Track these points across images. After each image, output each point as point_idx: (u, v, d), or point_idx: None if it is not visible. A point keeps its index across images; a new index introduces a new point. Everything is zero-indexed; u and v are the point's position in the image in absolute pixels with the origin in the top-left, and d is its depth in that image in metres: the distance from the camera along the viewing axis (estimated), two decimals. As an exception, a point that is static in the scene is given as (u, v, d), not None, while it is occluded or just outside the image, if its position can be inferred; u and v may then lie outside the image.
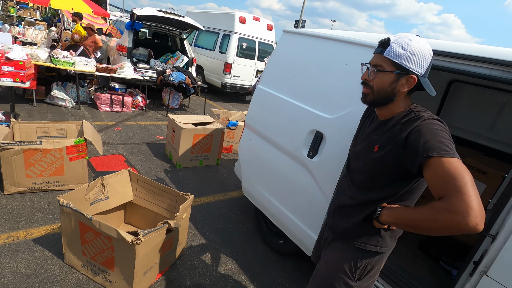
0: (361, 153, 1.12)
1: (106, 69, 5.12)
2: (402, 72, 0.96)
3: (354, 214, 1.12)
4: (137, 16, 5.66)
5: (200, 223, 2.68)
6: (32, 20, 12.05)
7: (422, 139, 0.88)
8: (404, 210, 0.96)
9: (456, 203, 0.77)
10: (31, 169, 2.51)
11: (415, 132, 0.91)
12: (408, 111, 1.00)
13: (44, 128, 2.95)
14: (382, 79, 0.99)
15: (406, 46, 0.94)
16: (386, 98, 1.00)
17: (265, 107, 2.32)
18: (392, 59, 0.95)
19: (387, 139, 1.00)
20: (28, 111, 4.51)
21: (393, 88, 0.98)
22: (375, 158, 1.03)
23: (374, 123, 1.12)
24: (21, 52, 3.34)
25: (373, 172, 1.05)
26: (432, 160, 0.84)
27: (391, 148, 0.98)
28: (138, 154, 3.84)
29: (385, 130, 1.03)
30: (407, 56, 0.94)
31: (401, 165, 0.95)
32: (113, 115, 5.16)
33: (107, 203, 2.13)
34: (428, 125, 0.91)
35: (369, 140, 1.08)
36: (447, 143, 0.86)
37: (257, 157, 2.38)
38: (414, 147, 0.90)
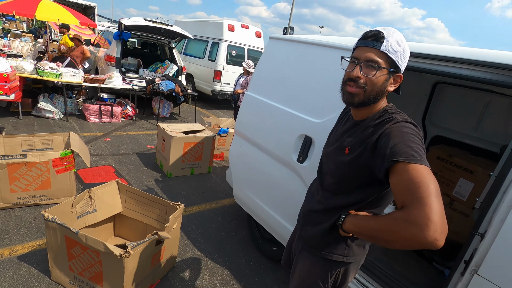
0: (332, 154, 1.05)
1: (94, 79, 5.07)
2: (394, 70, 0.90)
3: (321, 220, 1.05)
4: (125, 26, 5.65)
5: (192, 232, 2.63)
6: (19, 32, 11.90)
7: (390, 143, 0.82)
8: (366, 219, 0.88)
9: (416, 214, 0.70)
10: (16, 183, 2.44)
11: (385, 135, 0.85)
12: (382, 112, 0.94)
13: (29, 141, 2.88)
14: (378, 77, 0.89)
15: (400, 42, 0.88)
16: (375, 99, 0.92)
17: (254, 113, 2.32)
18: (390, 54, 0.87)
19: (359, 141, 0.94)
20: (13, 124, 4.40)
21: (384, 88, 0.92)
22: (345, 161, 0.96)
23: (348, 123, 1.05)
24: (5, 64, 3.28)
25: (342, 175, 0.99)
26: (398, 165, 0.77)
27: (361, 151, 0.91)
28: (128, 164, 3.78)
29: (357, 131, 0.97)
30: (401, 52, 0.89)
31: (370, 170, 0.89)
32: (102, 126, 5.09)
33: (95, 216, 2.08)
34: (399, 128, 0.85)
35: (341, 142, 1.02)
36: (416, 148, 0.79)
37: (248, 163, 2.37)
38: (382, 150, 0.83)
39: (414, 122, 0.89)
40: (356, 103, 0.93)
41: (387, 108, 0.95)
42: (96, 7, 14.13)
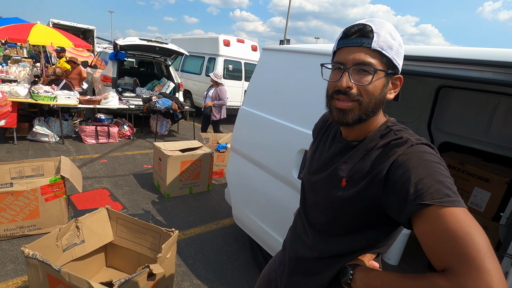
0: (321, 185, 0.81)
1: (89, 100, 5.01)
2: (393, 71, 0.71)
3: (316, 271, 0.82)
4: (120, 46, 5.64)
5: (191, 258, 2.46)
6: (19, 58, 12.09)
7: (413, 177, 0.60)
8: (387, 279, 0.63)
9: (471, 285, 0.50)
10: (2, 214, 2.31)
11: (401, 164, 0.63)
12: (385, 130, 0.73)
13: (18, 168, 2.75)
14: (375, 84, 0.69)
15: (395, 35, 0.69)
16: (374, 112, 0.72)
17: (250, 128, 2.19)
18: (385, 52, 0.67)
19: (360, 171, 0.71)
20: (8, 150, 4.31)
21: (383, 96, 0.71)
22: (343, 196, 0.73)
23: (338, 144, 0.81)
24: (-5, 90, 3.21)
25: (338, 213, 0.76)
26: (429, 210, 0.57)
27: (366, 186, 0.69)
28: (124, 186, 3.64)
29: (355, 156, 0.74)
30: (397, 48, 0.69)
31: (380, 210, 0.68)
32: (99, 147, 4.99)
33: (83, 248, 1.92)
34: (419, 154, 0.64)
35: (333, 169, 0.78)
36: (449, 184, 0.59)
37: (246, 182, 2.22)
38: (400, 188, 0.62)
39: (429, 142, 0.69)
40: (352, 121, 0.72)
41: (390, 124, 0.74)
42: (95, 30, 14.43)
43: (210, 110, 5.08)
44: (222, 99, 5.03)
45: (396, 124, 0.75)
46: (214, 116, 5.10)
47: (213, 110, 5.06)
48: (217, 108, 5.08)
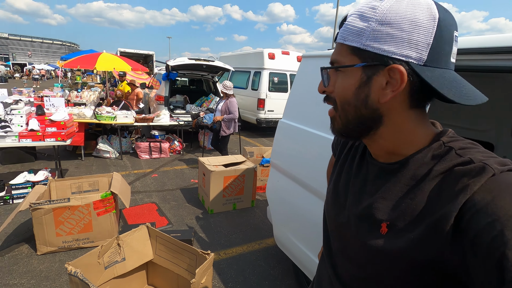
0: (351, 229, 0.59)
1: (144, 119, 5.38)
2: (374, 63, 0.49)
3: None
4: (171, 67, 6.02)
5: (231, 281, 2.33)
6: (92, 84, 13.87)
7: (508, 234, 0.37)
8: None
9: None
10: (61, 227, 2.49)
11: (483, 208, 0.40)
12: (439, 148, 0.50)
13: (78, 183, 3.00)
14: (343, 84, 0.53)
15: (370, 13, 0.48)
16: (362, 120, 0.53)
17: (290, 142, 2.02)
18: (347, 42, 0.51)
19: (409, 212, 0.48)
20: (76, 166, 4.82)
21: (365, 99, 0.51)
22: (387, 248, 0.50)
23: (369, 167, 0.60)
24: (63, 113, 3.61)
25: (380, 271, 0.53)
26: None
27: (425, 235, 0.46)
28: (171, 201, 3.73)
29: (399, 189, 0.51)
30: (373, 29, 0.48)
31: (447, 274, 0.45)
32: (152, 162, 5.29)
33: (124, 266, 1.93)
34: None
35: (366, 207, 0.56)
36: None
37: (286, 200, 2.04)
38: (486, 248, 0.39)
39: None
40: (337, 131, 0.57)
41: (446, 140, 0.50)
42: (154, 54, 15.93)
43: (219, 125, 4.64)
44: (232, 112, 4.56)
45: (456, 139, 0.50)
46: (224, 132, 4.63)
47: (222, 125, 4.61)
48: (227, 123, 4.61)
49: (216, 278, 2.34)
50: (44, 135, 3.36)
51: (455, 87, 0.47)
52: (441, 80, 0.47)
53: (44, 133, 3.36)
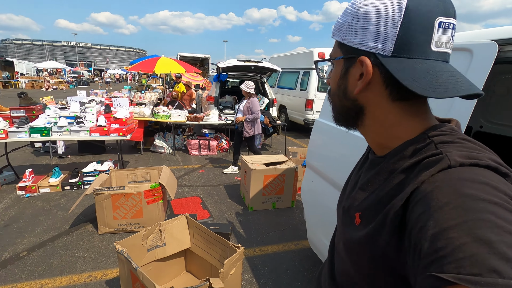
0: (341, 221, 0.59)
1: (195, 118, 5.74)
2: (350, 55, 0.50)
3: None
4: (222, 69, 6.30)
5: (263, 277, 2.36)
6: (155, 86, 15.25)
7: (432, 223, 0.35)
8: None
9: None
10: (117, 211, 2.81)
11: (422, 199, 0.38)
12: (421, 141, 0.46)
13: (133, 174, 3.35)
14: (332, 76, 0.56)
15: (350, 9, 0.50)
16: (344, 110, 0.54)
17: (326, 143, 1.97)
18: (334, 37, 0.54)
19: (375, 203, 0.47)
20: (136, 159, 5.37)
21: (344, 90, 0.52)
22: (356, 240, 0.49)
23: (367, 162, 0.59)
24: (125, 111, 4.06)
25: (355, 265, 0.52)
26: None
27: (378, 228, 0.44)
28: (215, 196, 3.92)
29: (375, 181, 0.51)
30: (348, 24, 0.49)
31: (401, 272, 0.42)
32: (200, 159, 5.61)
33: (164, 250, 2.11)
34: (457, 183, 0.37)
35: (351, 198, 0.56)
36: (506, 249, 0.30)
37: (320, 202, 1.99)
38: (415, 238, 0.37)
39: (500, 166, 0.40)
40: (334, 120, 0.59)
41: (433, 134, 0.46)
42: (210, 57, 16.80)
43: (241, 126, 4.52)
44: (255, 112, 4.45)
45: (445, 133, 0.46)
46: (247, 132, 4.50)
47: (245, 126, 4.49)
48: (249, 123, 4.50)
49: (249, 273, 2.40)
50: (109, 131, 3.83)
51: (424, 77, 0.43)
52: (407, 71, 0.44)
53: (109, 128, 3.83)
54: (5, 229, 2.90)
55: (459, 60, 1.17)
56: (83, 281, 2.22)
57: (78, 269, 2.35)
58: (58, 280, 2.23)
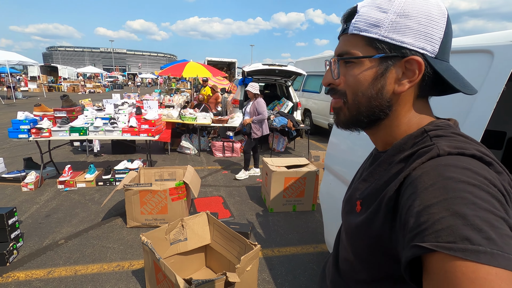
0: (344, 211, 0.64)
1: (219, 120, 5.90)
2: (391, 54, 0.50)
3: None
4: (247, 73, 6.42)
5: (280, 278, 2.39)
6: (183, 89, 15.81)
7: (418, 202, 0.39)
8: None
9: None
10: (144, 207, 2.99)
11: (412, 183, 0.43)
12: (419, 136, 0.50)
13: (160, 172, 3.54)
14: (356, 76, 0.53)
15: (386, 4, 0.49)
16: (371, 111, 0.54)
17: (343, 145, 1.98)
18: (364, 33, 0.51)
19: (374, 191, 0.52)
20: (163, 159, 5.63)
21: (380, 89, 0.52)
22: (355, 225, 0.54)
23: (370, 157, 0.64)
24: (154, 113, 4.29)
25: (355, 251, 0.56)
26: (433, 260, 0.35)
27: (374, 213, 0.49)
28: (236, 196, 4.01)
29: (376, 172, 0.55)
30: (391, 21, 0.49)
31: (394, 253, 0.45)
32: (224, 160, 5.75)
33: (186, 245, 2.22)
34: (441, 169, 0.41)
35: (353, 189, 0.61)
36: (479, 221, 0.34)
37: (338, 205, 1.99)
38: (404, 218, 0.41)
39: (485, 156, 0.43)
40: (342, 123, 0.58)
41: (429, 128, 0.50)
42: (236, 62, 17.10)
43: (249, 128, 4.49)
44: (261, 113, 4.43)
45: (441, 128, 0.49)
46: (255, 134, 4.48)
47: (252, 127, 4.45)
48: (257, 124, 4.49)
49: (266, 272, 2.44)
50: (139, 131, 4.07)
51: (458, 78, 0.49)
52: (449, 72, 0.49)
53: (139, 129, 4.07)
54: (46, 219, 3.18)
55: (479, 61, 1.15)
56: (112, 270, 2.39)
57: (108, 259, 2.53)
58: (90, 267, 2.41)
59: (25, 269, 2.37)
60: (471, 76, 1.16)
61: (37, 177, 4.01)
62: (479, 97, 1.10)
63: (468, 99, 1.11)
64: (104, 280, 2.26)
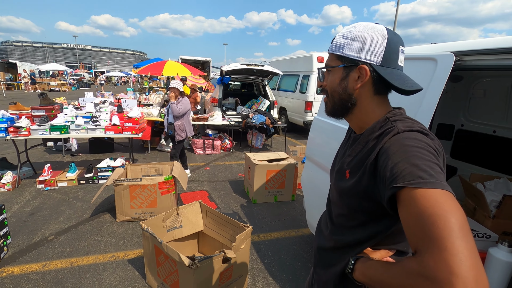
0: (334, 179, 0.89)
1: (199, 118, 6.04)
2: (350, 64, 0.77)
3: (332, 261, 0.87)
4: (225, 72, 6.61)
5: (267, 258, 2.65)
6: (157, 88, 15.54)
7: (390, 162, 0.63)
8: (377, 268, 0.67)
9: (432, 265, 0.48)
10: (134, 201, 3.10)
11: (384, 152, 0.67)
12: (383, 121, 0.76)
13: (147, 168, 3.64)
14: (332, 79, 0.81)
15: (347, 34, 0.78)
16: (342, 102, 0.81)
17: (322, 136, 2.27)
18: (335, 52, 0.80)
19: (358, 161, 0.77)
20: (143, 157, 5.65)
21: (345, 87, 0.79)
22: (346, 188, 0.79)
23: (350, 140, 0.89)
24: (137, 111, 4.35)
25: (347, 206, 0.81)
26: (403, 193, 0.57)
27: (361, 176, 0.73)
28: (220, 190, 4.20)
29: (357, 148, 0.80)
30: (349, 44, 0.77)
31: (376, 199, 0.70)
32: (205, 157, 5.90)
33: (181, 231, 2.40)
34: (401, 140, 0.66)
35: (341, 163, 0.85)
36: (425, 166, 0.58)
37: (318, 188, 2.28)
38: (381, 174, 0.65)
39: (424, 130, 0.69)
40: (329, 112, 0.86)
41: (389, 116, 0.76)
42: (211, 61, 17.07)
43: (173, 129, 4.17)
44: (183, 112, 4.13)
45: (396, 115, 0.76)
46: (179, 136, 4.22)
47: (176, 129, 4.18)
48: (180, 125, 4.19)
49: (254, 254, 2.68)
50: (122, 129, 4.12)
51: (400, 79, 0.76)
52: (391, 75, 0.75)
53: (122, 127, 4.12)
54: (31, 217, 3.17)
55: (427, 66, 1.47)
56: (107, 260, 2.50)
57: (102, 250, 2.63)
58: (86, 258, 2.51)
59: (19, 263, 2.41)
60: (423, 78, 1.48)
61: (14, 177, 3.92)
62: (427, 94, 1.42)
63: (419, 96, 1.43)
64: (101, 269, 2.37)
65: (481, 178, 2.33)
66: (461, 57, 1.41)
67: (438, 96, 1.37)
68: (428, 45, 1.61)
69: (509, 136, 2.56)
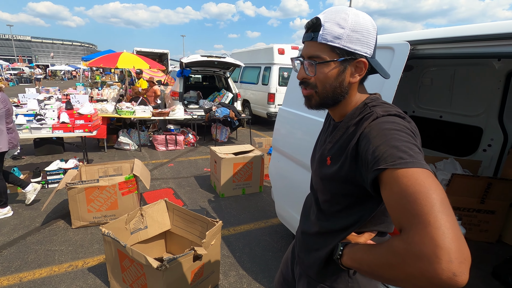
0: (316, 166, 0.88)
1: (160, 113, 5.76)
2: (348, 57, 0.73)
3: (316, 246, 0.88)
4: (185, 64, 6.36)
5: (238, 251, 2.63)
6: (111, 82, 14.53)
7: (371, 146, 0.64)
8: (364, 250, 0.68)
9: (417, 240, 0.50)
10: (92, 204, 2.86)
11: (365, 136, 0.68)
12: (362, 108, 0.77)
13: (104, 168, 3.38)
14: (326, 73, 0.75)
15: (343, 23, 0.71)
16: (335, 96, 0.78)
17: (288, 126, 2.28)
18: (330, 43, 0.72)
19: (339, 148, 0.77)
20: (100, 157, 5.26)
21: (341, 82, 0.76)
22: (328, 174, 0.79)
23: (330, 127, 0.89)
24: (89, 107, 4.01)
25: (329, 192, 0.82)
26: (385, 175, 0.59)
27: (343, 161, 0.74)
28: (186, 186, 4.07)
29: (337, 135, 0.81)
30: (347, 35, 0.72)
31: (358, 183, 0.72)
32: (168, 153, 5.67)
33: (146, 232, 2.27)
34: (380, 125, 0.67)
35: (322, 150, 0.85)
36: (404, 148, 0.60)
37: (286, 178, 2.30)
38: (363, 158, 0.66)
39: (401, 114, 0.71)
40: (314, 106, 0.82)
41: (368, 101, 0.77)
42: (169, 53, 16.33)
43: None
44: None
45: (373, 100, 0.78)
46: None
47: None
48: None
49: (225, 248, 2.65)
50: (73, 127, 3.77)
51: (382, 69, 0.78)
52: (378, 66, 0.78)
53: (73, 125, 3.77)
54: (-34, 231, 2.78)
55: (386, 54, 1.53)
56: (64, 271, 2.29)
57: (57, 261, 2.40)
58: (38, 272, 2.26)
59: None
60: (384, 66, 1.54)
61: None
62: (385, 83, 1.48)
63: (378, 85, 1.49)
64: (57, 282, 2.16)
65: (432, 159, 2.54)
66: (415, 46, 1.49)
67: (396, 84, 1.43)
68: (386, 35, 1.67)
69: (453, 120, 2.82)
